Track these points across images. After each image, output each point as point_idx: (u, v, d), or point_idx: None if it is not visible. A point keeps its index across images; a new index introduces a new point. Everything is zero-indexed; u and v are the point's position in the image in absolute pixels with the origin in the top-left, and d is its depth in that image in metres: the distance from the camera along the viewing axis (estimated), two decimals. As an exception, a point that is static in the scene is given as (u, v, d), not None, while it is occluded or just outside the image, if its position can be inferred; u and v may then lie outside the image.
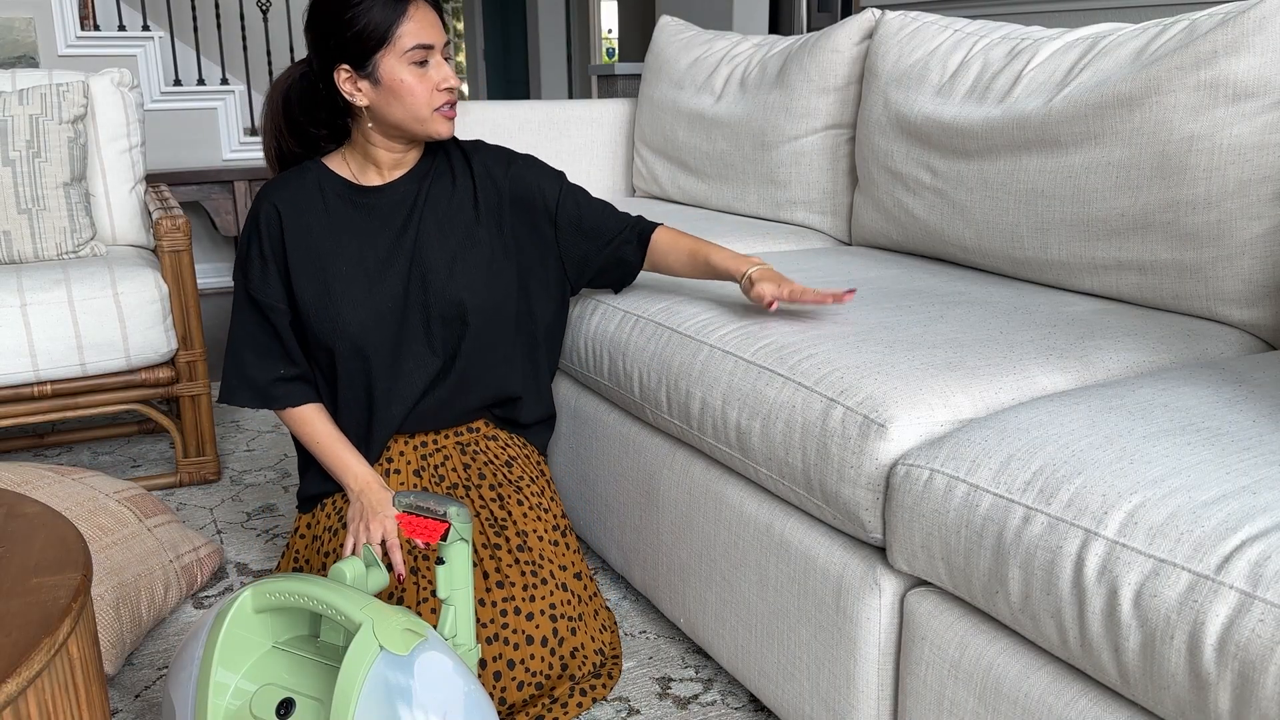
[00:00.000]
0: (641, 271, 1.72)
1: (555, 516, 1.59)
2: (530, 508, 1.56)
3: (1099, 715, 0.95)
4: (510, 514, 1.54)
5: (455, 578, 1.21)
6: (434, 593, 1.38)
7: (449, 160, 1.62)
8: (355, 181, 1.57)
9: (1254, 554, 0.83)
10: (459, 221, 1.58)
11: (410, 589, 1.43)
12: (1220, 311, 1.48)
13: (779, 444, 1.31)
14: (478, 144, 1.65)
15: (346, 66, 1.46)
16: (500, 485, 1.57)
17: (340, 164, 1.58)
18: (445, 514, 1.19)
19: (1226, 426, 1.04)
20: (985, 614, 1.10)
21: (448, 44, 1.48)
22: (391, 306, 1.54)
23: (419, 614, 1.40)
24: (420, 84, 1.45)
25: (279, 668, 1.16)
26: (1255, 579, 0.81)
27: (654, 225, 1.65)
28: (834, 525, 1.27)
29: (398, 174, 1.58)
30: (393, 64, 1.44)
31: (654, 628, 1.71)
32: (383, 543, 1.43)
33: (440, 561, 1.20)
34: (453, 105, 1.50)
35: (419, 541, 1.35)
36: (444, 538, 1.19)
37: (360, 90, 1.47)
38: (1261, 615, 0.80)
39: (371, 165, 1.57)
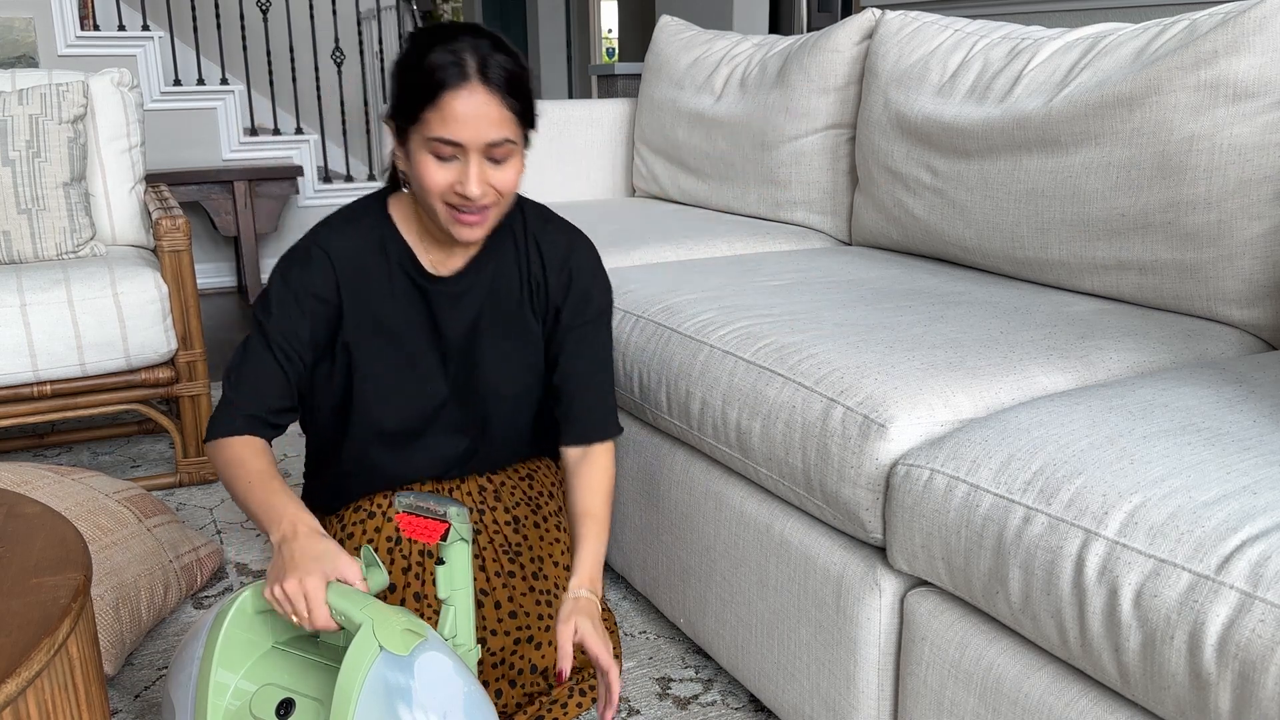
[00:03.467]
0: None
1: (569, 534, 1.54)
2: (547, 530, 1.51)
3: (1099, 715, 0.95)
4: (526, 538, 1.49)
5: (455, 578, 1.20)
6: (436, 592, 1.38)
7: (513, 238, 1.45)
8: (420, 260, 1.40)
9: (1254, 554, 0.83)
10: (515, 318, 1.45)
11: (414, 584, 1.42)
12: (1220, 311, 1.48)
13: (779, 444, 1.31)
14: (545, 217, 1.47)
15: (391, 121, 1.29)
16: (516, 506, 1.51)
17: (406, 220, 1.40)
18: (445, 514, 1.18)
19: (1227, 426, 1.04)
20: (985, 614, 1.10)
21: (502, 144, 1.24)
22: (434, 404, 1.44)
23: (420, 613, 1.40)
24: (434, 176, 1.24)
25: (279, 668, 1.16)
26: (1255, 579, 0.81)
27: (604, 438, 1.44)
28: (834, 525, 1.27)
29: (459, 260, 1.41)
30: (417, 144, 1.25)
31: (654, 628, 1.71)
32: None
33: (440, 562, 1.20)
34: (473, 213, 1.28)
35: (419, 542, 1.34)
36: (444, 538, 1.19)
37: (399, 155, 1.31)
38: (1262, 615, 0.80)
39: (429, 236, 1.39)
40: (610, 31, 8.15)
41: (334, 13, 4.48)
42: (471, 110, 1.21)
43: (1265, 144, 1.38)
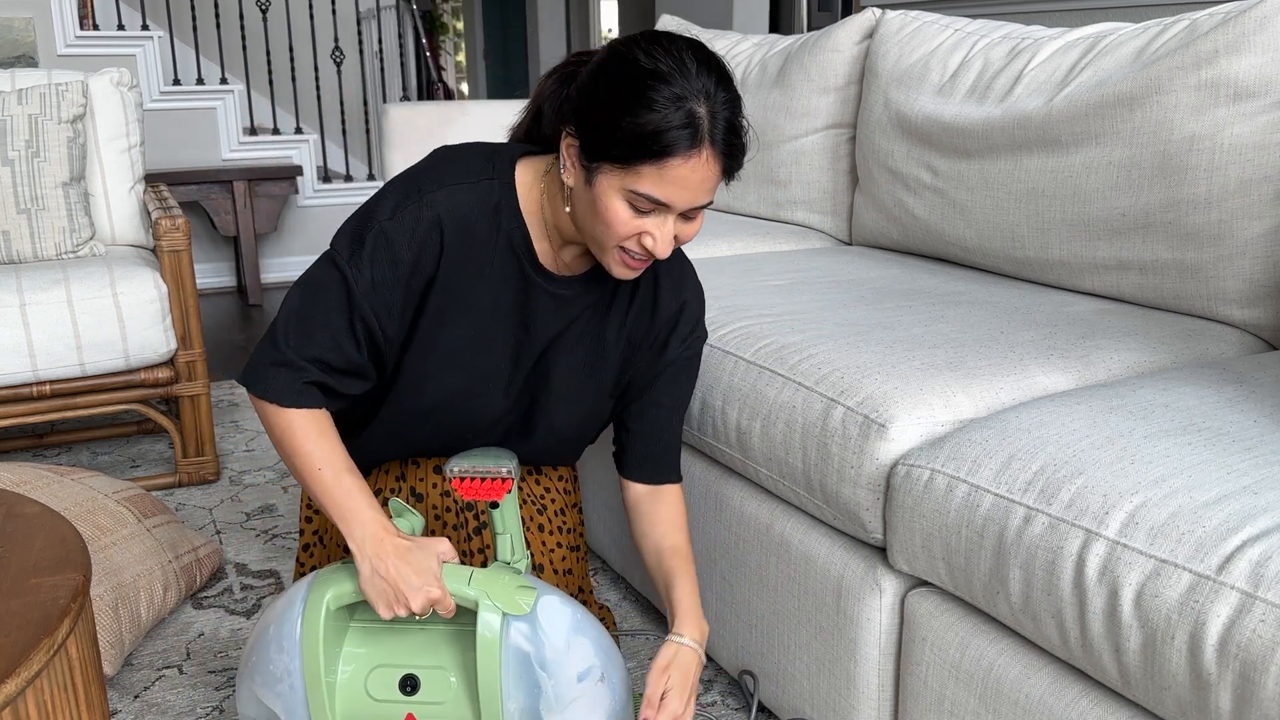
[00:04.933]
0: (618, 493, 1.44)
1: (575, 534, 1.47)
2: (551, 531, 1.43)
3: (1100, 716, 0.95)
4: (528, 544, 1.41)
5: (508, 516, 1.20)
6: (478, 529, 1.36)
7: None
8: (535, 247, 1.25)
9: (1255, 554, 0.83)
10: (599, 338, 1.32)
11: (460, 535, 1.36)
12: (1221, 311, 1.48)
13: (779, 444, 1.31)
14: (682, 273, 1.34)
15: (575, 138, 1.13)
16: (522, 505, 1.43)
17: (531, 197, 1.24)
18: (508, 472, 1.16)
19: (1227, 427, 1.04)
20: (986, 614, 1.09)
21: (704, 206, 1.14)
22: (488, 411, 1.31)
23: (467, 550, 1.37)
24: (621, 223, 1.11)
25: (375, 646, 1.16)
26: (1256, 579, 0.81)
27: (676, 480, 1.38)
28: (834, 525, 1.27)
29: (579, 264, 1.27)
30: (612, 183, 1.10)
31: (654, 628, 1.71)
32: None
33: (494, 505, 1.19)
34: (644, 261, 1.17)
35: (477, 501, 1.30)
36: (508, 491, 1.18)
37: (569, 169, 1.16)
38: (1262, 615, 0.80)
39: (554, 228, 1.24)
40: (610, 31, 8.15)
41: (334, 12, 4.48)
42: (695, 179, 1.09)
43: (1266, 144, 1.38)
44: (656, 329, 1.33)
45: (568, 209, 1.20)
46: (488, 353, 1.28)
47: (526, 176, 1.25)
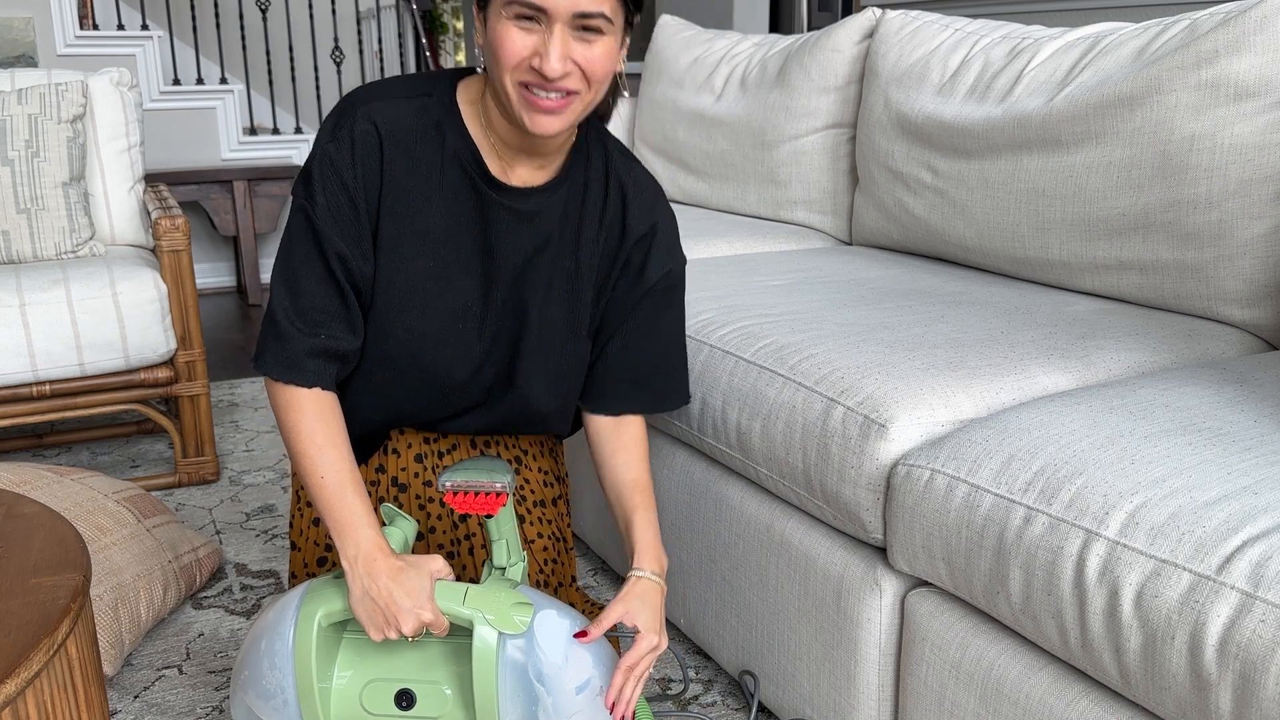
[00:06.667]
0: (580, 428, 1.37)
1: (557, 525, 1.44)
2: (531, 523, 1.39)
3: (1100, 716, 0.95)
4: None
5: (504, 525, 1.19)
6: (464, 516, 1.33)
7: (600, 170, 1.23)
8: (486, 162, 1.18)
9: (1255, 554, 0.83)
10: (577, 288, 1.24)
11: (445, 523, 1.34)
12: (1221, 311, 1.48)
13: (779, 444, 1.31)
14: (629, 157, 1.26)
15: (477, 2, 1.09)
16: None
17: (474, 110, 1.19)
18: (504, 486, 1.14)
19: (1228, 427, 1.04)
20: (986, 614, 1.09)
21: (595, 16, 1.03)
22: (463, 373, 1.23)
23: (454, 539, 1.35)
24: (511, 45, 1.04)
25: (370, 659, 1.15)
26: (1256, 579, 0.81)
27: (656, 409, 1.32)
28: (834, 525, 1.27)
29: (533, 172, 1.20)
30: (498, 12, 1.06)
31: (654, 628, 1.71)
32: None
33: (489, 515, 1.17)
34: (551, 94, 1.07)
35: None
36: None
37: (478, 29, 1.11)
38: (1263, 616, 0.80)
39: (496, 137, 1.18)
40: (610, 31, 8.12)
41: (334, 12, 4.48)
42: None
43: (1266, 144, 1.38)
44: (627, 249, 1.25)
45: (481, 68, 1.14)
46: (451, 289, 1.21)
47: (469, 92, 1.20)
